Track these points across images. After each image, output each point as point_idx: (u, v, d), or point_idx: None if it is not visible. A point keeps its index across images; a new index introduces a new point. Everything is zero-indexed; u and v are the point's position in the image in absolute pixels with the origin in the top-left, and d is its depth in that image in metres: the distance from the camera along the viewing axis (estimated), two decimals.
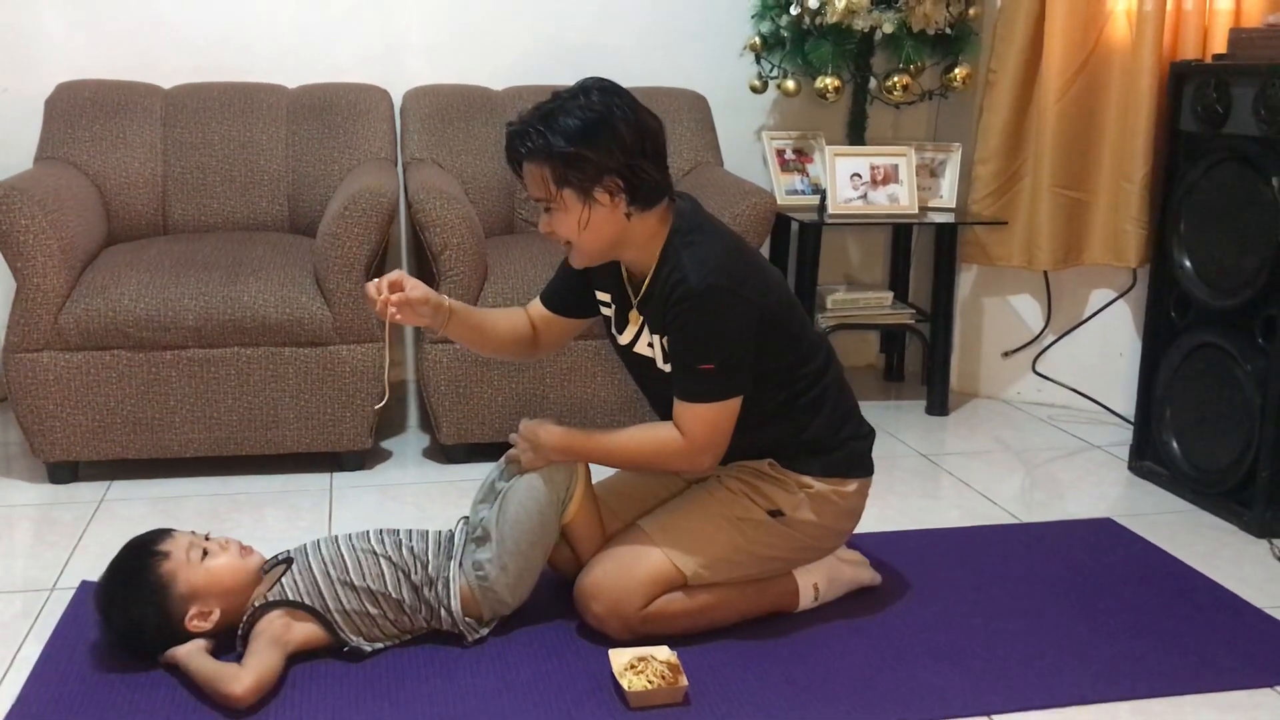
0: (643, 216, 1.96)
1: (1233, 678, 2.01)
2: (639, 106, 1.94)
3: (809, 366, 2.08)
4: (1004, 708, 1.90)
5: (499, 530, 2.04)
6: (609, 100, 1.91)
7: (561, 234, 1.97)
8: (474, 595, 2.04)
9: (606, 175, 1.90)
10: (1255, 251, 2.60)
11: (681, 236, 1.97)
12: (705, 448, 1.99)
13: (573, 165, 1.88)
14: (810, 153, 3.58)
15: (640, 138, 1.91)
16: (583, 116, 1.88)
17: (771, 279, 2.05)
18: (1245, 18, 3.01)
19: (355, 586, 1.98)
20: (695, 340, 1.93)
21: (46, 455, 2.78)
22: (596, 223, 1.93)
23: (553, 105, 1.91)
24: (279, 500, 2.73)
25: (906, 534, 2.59)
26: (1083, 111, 3.25)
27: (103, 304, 2.70)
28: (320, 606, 1.97)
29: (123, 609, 1.95)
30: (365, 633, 2.00)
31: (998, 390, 3.67)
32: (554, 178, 1.90)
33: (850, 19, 3.25)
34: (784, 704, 1.89)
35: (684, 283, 1.91)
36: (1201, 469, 2.80)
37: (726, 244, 2.01)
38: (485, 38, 3.54)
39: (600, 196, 1.91)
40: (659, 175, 1.95)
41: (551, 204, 1.94)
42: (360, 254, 2.77)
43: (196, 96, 3.28)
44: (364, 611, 1.99)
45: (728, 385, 1.95)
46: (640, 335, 2.07)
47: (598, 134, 1.88)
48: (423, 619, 2.03)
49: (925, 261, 3.64)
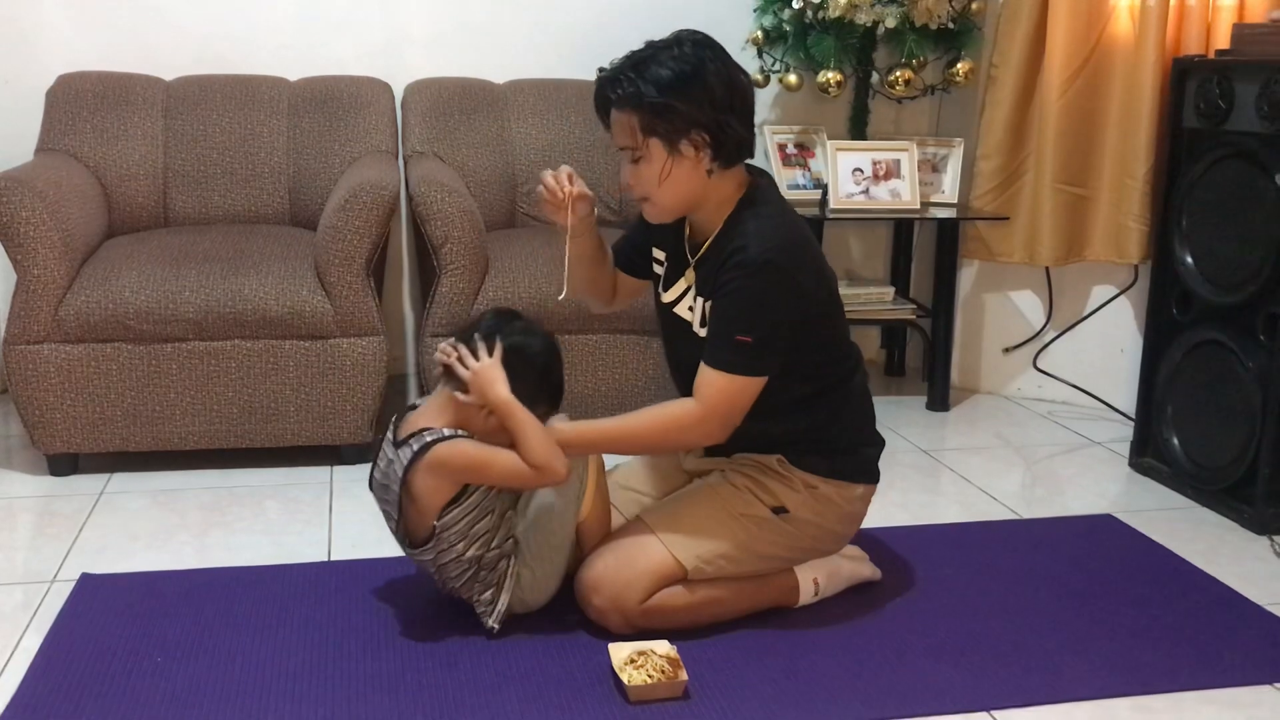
0: (722, 176, 1.96)
1: (1233, 674, 2.01)
2: (731, 62, 1.95)
3: (838, 367, 2.08)
4: (1004, 703, 1.90)
5: (522, 534, 2.06)
6: (702, 53, 1.91)
7: (642, 185, 1.97)
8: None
9: (694, 128, 1.90)
10: (1257, 248, 2.60)
11: (751, 207, 1.98)
12: (719, 418, 1.97)
13: (661, 115, 1.89)
14: (812, 147, 3.57)
15: (730, 93, 1.92)
16: (675, 67, 1.89)
17: (825, 272, 2.05)
18: (1249, 13, 3.00)
19: (496, 519, 2.02)
20: (740, 310, 1.93)
21: (47, 447, 2.78)
22: (678, 176, 1.94)
23: (645, 54, 1.92)
24: (279, 493, 2.73)
25: (907, 529, 2.59)
26: (1085, 107, 3.25)
27: (103, 296, 2.70)
28: (471, 497, 1.98)
29: (528, 332, 2.03)
30: (437, 546, 2.00)
31: (999, 386, 3.66)
32: (642, 126, 1.91)
33: (853, 13, 3.25)
34: (784, 698, 1.89)
35: (744, 250, 1.91)
36: (1202, 465, 2.80)
37: (793, 226, 2.01)
38: (487, 31, 3.53)
39: (685, 149, 1.91)
40: (745, 133, 1.96)
41: (638, 152, 1.94)
42: (361, 247, 2.77)
43: (198, 89, 3.28)
44: (463, 537, 1.99)
45: (758, 362, 1.95)
46: (684, 296, 2.07)
47: (689, 85, 1.88)
48: (462, 582, 2.03)
49: (927, 257, 3.64)
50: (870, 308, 3.49)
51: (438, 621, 2.08)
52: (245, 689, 1.88)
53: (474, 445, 1.96)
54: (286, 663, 1.96)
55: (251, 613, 2.14)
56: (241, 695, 1.87)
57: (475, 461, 1.95)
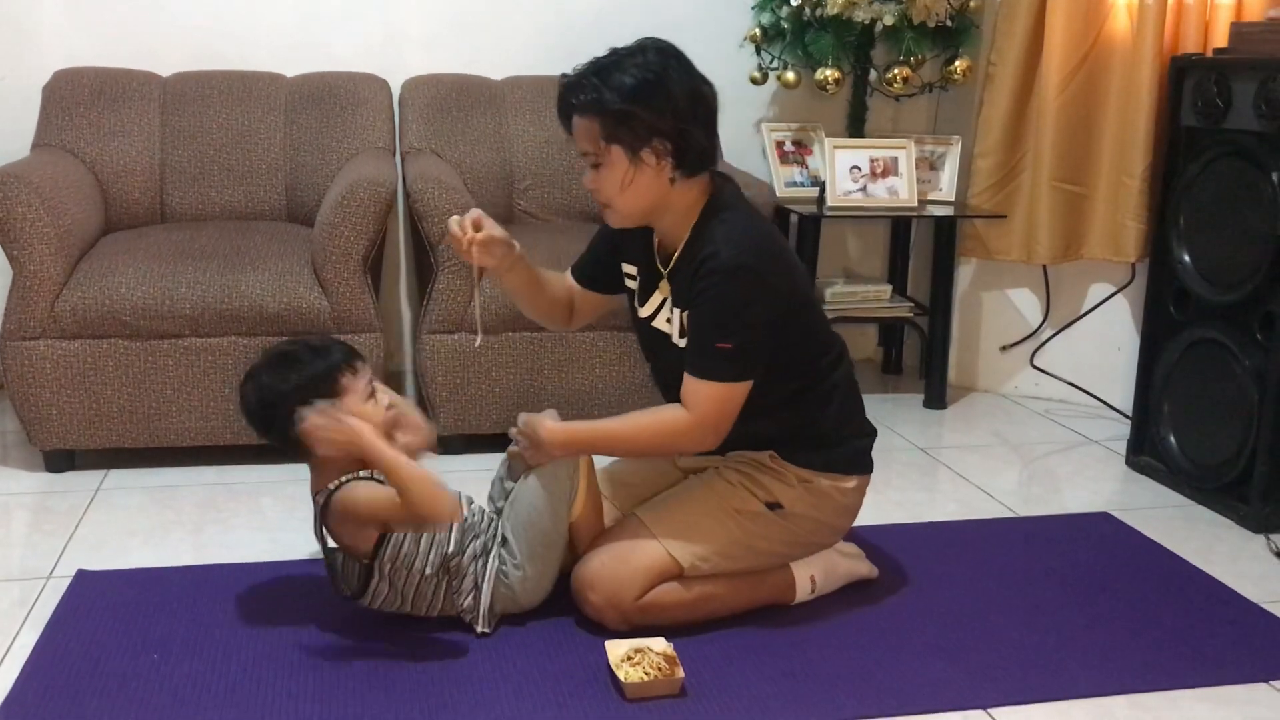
0: (685, 184, 1.96)
1: (1228, 672, 2.01)
2: (695, 71, 1.94)
3: (822, 361, 2.08)
4: (1000, 701, 1.90)
5: (513, 534, 2.05)
6: (666, 61, 1.91)
7: (604, 191, 1.97)
8: (495, 590, 2.05)
9: (656, 137, 1.90)
10: (1255, 247, 2.60)
11: (717, 212, 1.98)
12: (711, 426, 1.98)
13: (623, 122, 1.88)
14: (810, 145, 3.57)
15: (693, 102, 1.91)
16: (638, 75, 1.88)
17: (798, 271, 2.05)
18: (1246, 12, 3.00)
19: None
20: (717, 317, 1.93)
21: (43, 444, 2.77)
22: (640, 184, 1.93)
23: (609, 60, 1.91)
24: (276, 490, 2.73)
25: (903, 527, 2.59)
26: (1083, 105, 3.25)
27: (99, 292, 2.70)
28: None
29: (282, 375, 1.98)
30: (394, 584, 2.00)
31: (996, 384, 3.67)
32: (603, 133, 1.90)
33: (851, 11, 3.24)
34: (780, 696, 1.89)
35: (715, 256, 1.91)
36: (1199, 464, 2.80)
37: (761, 227, 2.01)
38: (484, 28, 3.52)
39: (647, 157, 1.91)
40: (708, 142, 1.95)
41: (599, 159, 1.93)
42: (358, 244, 2.77)
43: (195, 85, 3.27)
44: (414, 559, 1.99)
45: (742, 367, 1.95)
46: (661, 309, 2.07)
47: (651, 94, 1.88)
48: (440, 598, 2.03)
49: (924, 255, 3.64)
50: (868, 306, 3.49)
51: (434, 619, 2.08)
52: (241, 686, 1.88)
53: (368, 486, 1.94)
54: (282, 660, 1.96)
55: (248, 610, 2.14)
56: (238, 692, 1.87)
57: (376, 499, 1.92)
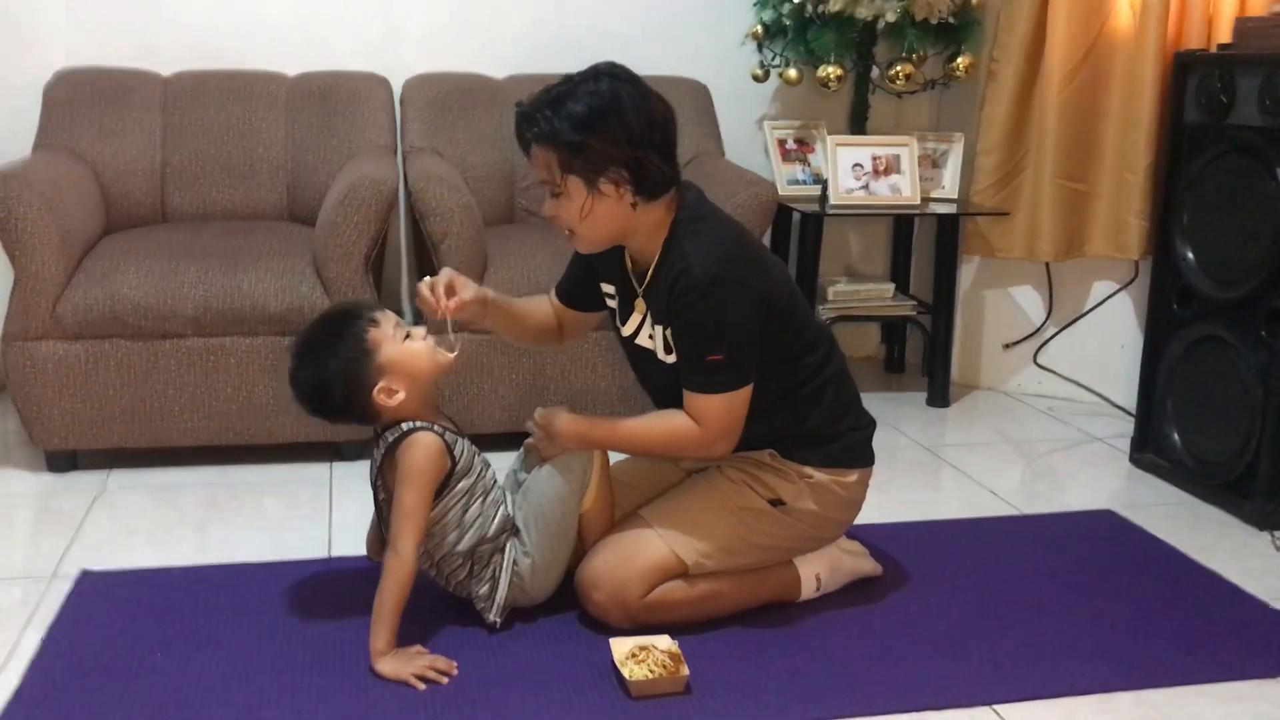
0: (648, 206, 1.94)
1: (1233, 669, 2.00)
2: (650, 95, 1.92)
3: (811, 357, 2.07)
4: (1005, 698, 1.90)
5: (524, 522, 2.05)
6: (619, 88, 1.88)
7: (565, 220, 1.95)
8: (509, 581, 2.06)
9: (612, 166, 1.88)
10: (1258, 244, 2.59)
11: (685, 226, 1.96)
12: (721, 436, 1.99)
13: (578, 154, 1.87)
14: (812, 142, 3.57)
15: (649, 128, 1.89)
16: (591, 104, 1.86)
17: (774, 269, 2.04)
18: (1250, 7, 3.00)
19: (479, 509, 2.01)
20: (701, 331, 1.92)
21: (45, 444, 2.77)
22: (600, 212, 1.92)
23: (563, 89, 1.89)
24: (279, 489, 2.73)
25: (907, 525, 2.59)
26: (1085, 102, 3.24)
27: (101, 293, 2.69)
28: (454, 490, 1.98)
29: (318, 363, 1.97)
30: (428, 544, 2.00)
31: (999, 382, 3.66)
32: (559, 164, 1.89)
33: (853, 7, 3.24)
34: (785, 694, 1.89)
35: (688, 273, 1.90)
36: (1203, 461, 2.80)
37: (730, 234, 2.00)
38: (485, 26, 3.52)
39: (605, 186, 1.89)
40: (666, 167, 1.93)
41: (557, 188, 1.92)
42: (360, 243, 2.77)
43: (196, 84, 3.27)
44: (453, 530, 2.00)
45: (737, 375, 1.95)
46: (642, 326, 2.06)
47: (605, 123, 1.86)
48: (459, 577, 2.04)
49: (927, 253, 3.63)
50: (870, 304, 3.49)
51: (438, 617, 2.08)
52: (245, 685, 1.88)
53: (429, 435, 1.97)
54: (286, 659, 1.96)
55: (251, 609, 2.13)
56: (242, 692, 1.86)
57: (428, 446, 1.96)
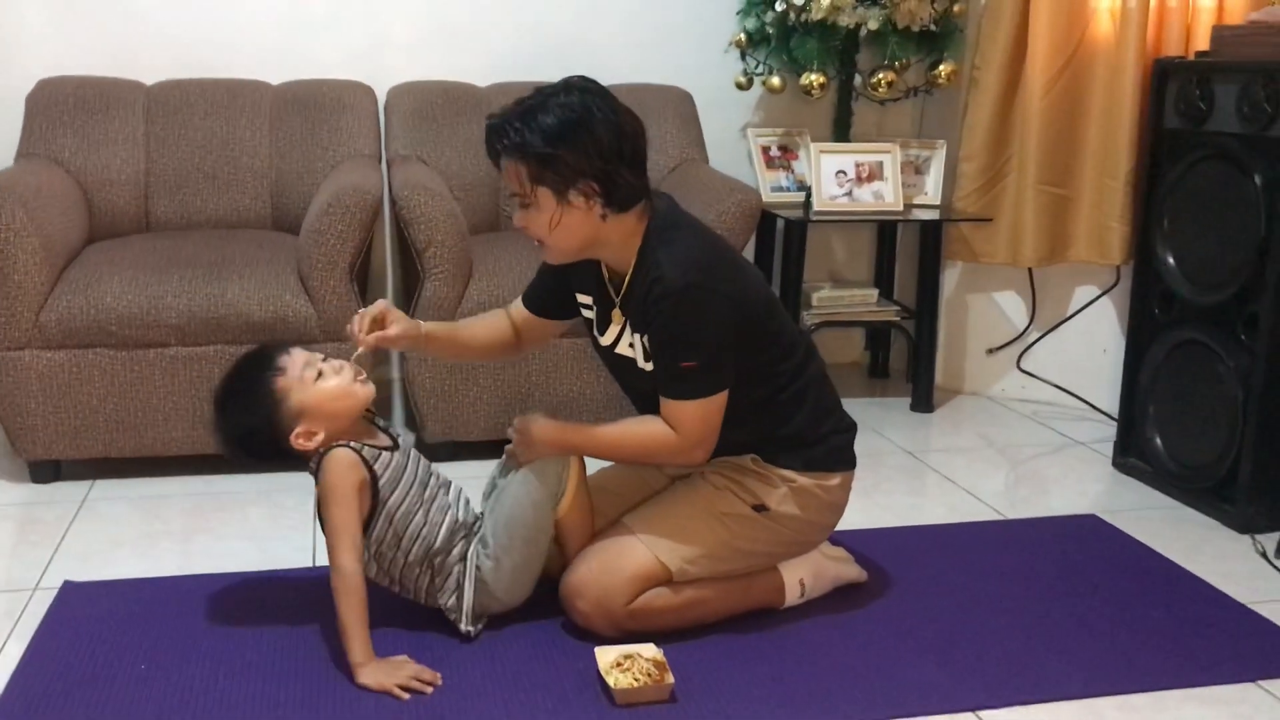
0: (618, 218, 1.95)
1: (1216, 672, 2.01)
2: (620, 108, 1.93)
3: (789, 362, 2.08)
4: (989, 703, 1.91)
5: (494, 526, 2.05)
6: (589, 101, 1.89)
7: (534, 231, 1.96)
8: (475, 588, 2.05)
9: (582, 178, 1.89)
10: (1238, 248, 2.61)
11: (658, 235, 1.97)
12: (698, 443, 1.99)
13: (548, 166, 1.87)
14: (795, 150, 3.58)
15: (619, 141, 1.90)
16: (561, 116, 1.87)
17: (749, 275, 2.05)
18: (1228, 15, 3.02)
19: (423, 518, 2.01)
20: (676, 338, 1.93)
21: (28, 454, 2.76)
22: (570, 223, 1.93)
23: (533, 102, 1.90)
24: (263, 499, 2.72)
25: (891, 530, 2.59)
26: (1067, 108, 3.26)
27: (85, 302, 2.69)
28: (386, 504, 1.98)
29: (235, 418, 1.99)
30: (380, 563, 2.02)
31: (982, 387, 3.68)
32: (529, 175, 1.89)
33: (835, 15, 3.25)
34: (770, 700, 1.89)
35: (661, 281, 1.91)
36: (1185, 465, 2.82)
37: (703, 241, 2.01)
38: (469, 34, 3.52)
39: (574, 198, 1.90)
40: (636, 180, 1.94)
41: (527, 200, 1.93)
42: (344, 251, 2.76)
43: (179, 93, 3.26)
44: (399, 545, 2.00)
45: (712, 381, 1.96)
46: (622, 336, 2.07)
47: (575, 136, 1.87)
48: (424, 589, 2.05)
49: (910, 258, 3.65)
50: (854, 309, 3.50)
51: (422, 627, 2.07)
52: (229, 696, 1.88)
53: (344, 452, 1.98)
54: (270, 670, 1.95)
55: (236, 619, 2.13)
56: (225, 703, 1.86)
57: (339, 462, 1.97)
